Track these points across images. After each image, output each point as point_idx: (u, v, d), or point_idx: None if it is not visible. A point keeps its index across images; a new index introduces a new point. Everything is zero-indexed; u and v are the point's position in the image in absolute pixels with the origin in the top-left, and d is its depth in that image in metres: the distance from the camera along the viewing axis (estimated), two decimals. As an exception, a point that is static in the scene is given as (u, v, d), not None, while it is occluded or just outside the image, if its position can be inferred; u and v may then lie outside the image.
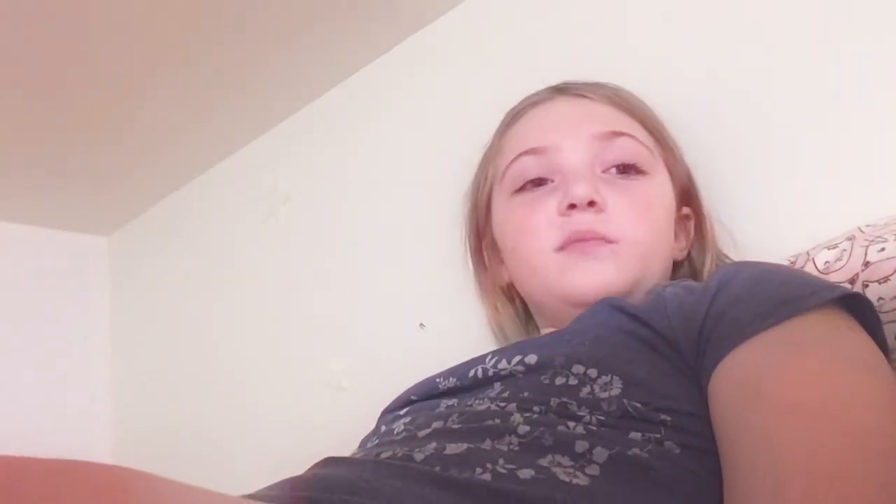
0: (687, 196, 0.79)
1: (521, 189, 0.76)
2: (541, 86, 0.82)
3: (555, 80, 0.82)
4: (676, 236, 0.78)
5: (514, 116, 0.82)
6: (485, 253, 0.86)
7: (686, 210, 0.80)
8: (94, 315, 1.69)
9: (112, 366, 1.67)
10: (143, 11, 1.06)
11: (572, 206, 0.70)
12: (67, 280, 1.68)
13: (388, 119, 1.22)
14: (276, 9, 1.10)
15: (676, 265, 0.79)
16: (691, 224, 0.80)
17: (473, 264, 0.90)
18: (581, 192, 0.70)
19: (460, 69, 1.14)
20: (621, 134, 0.74)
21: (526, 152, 0.76)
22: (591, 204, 0.70)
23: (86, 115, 1.29)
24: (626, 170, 0.74)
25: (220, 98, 1.30)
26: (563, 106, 0.78)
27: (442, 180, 1.12)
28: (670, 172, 0.77)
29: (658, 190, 0.75)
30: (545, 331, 0.78)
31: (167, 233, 1.61)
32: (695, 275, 0.78)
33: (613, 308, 0.63)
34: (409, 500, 0.46)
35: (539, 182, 0.75)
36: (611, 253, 0.70)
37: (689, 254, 0.80)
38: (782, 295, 0.55)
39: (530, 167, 0.76)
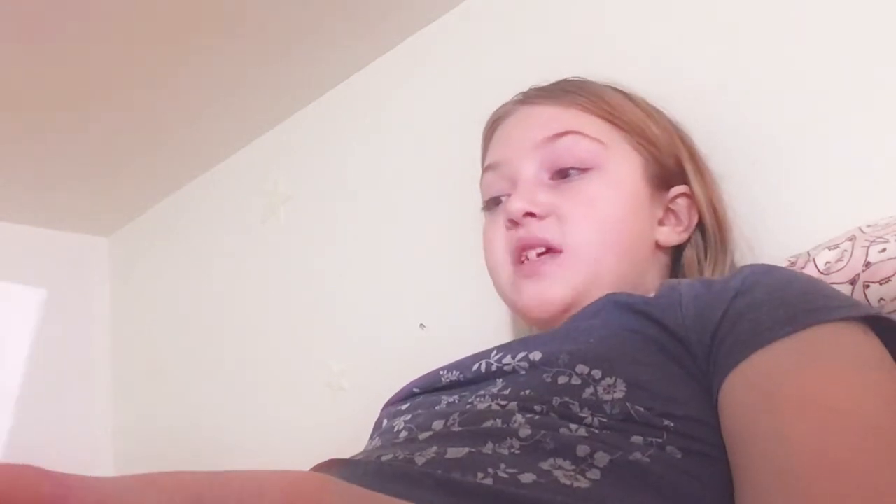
0: (679, 176, 0.78)
1: (488, 206, 0.80)
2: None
3: (552, 80, 0.82)
4: (667, 219, 0.77)
5: (486, 135, 0.85)
6: None
7: (680, 189, 0.78)
8: (94, 315, 1.69)
9: (112, 366, 1.67)
10: (142, 12, 1.06)
11: (513, 222, 0.73)
12: (67, 280, 1.68)
13: (387, 119, 1.22)
14: (277, 9, 1.10)
15: (679, 248, 0.77)
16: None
17: None
18: (515, 206, 0.72)
19: (460, 70, 1.13)
20: (562, 134, 0.74)
21: (485, 169, 0.81)
22: (531, 215, 0.72)
23: (86, 115, 1.29)
24: (572, 170, 0.74)
25: (220, 98, 1.30)
26: (518, 118, 0.80)
27: (442, 180, 1.12)
28: (640, 154, 0.76)
29: (609, 181, 0.73)
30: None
31: (167, 233, 1.61)
32: (698, 260, 0.77)
33: (619, 305, 0.63)
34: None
35: (499, 200, 0.78)
36: (556, 268, 0.71)
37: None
38: (805, 304, 0.54)
39: (492, 183, 0.79)
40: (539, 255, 0.72)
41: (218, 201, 1.50)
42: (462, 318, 1.05)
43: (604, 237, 0.71)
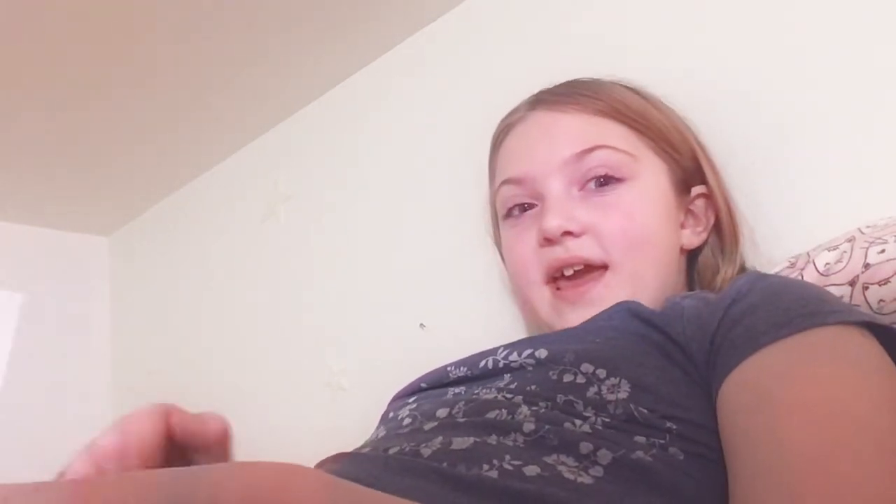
0: (697, 176, 0.78)
1: (509, 214, 0.78)
2: (540, 86, 0.82)
3: (554, 81, 0.82)
4: (687, 221, 0.77)
5: (497, 140, 0.83)
6: None
7: (700, 189, 0.77)
8: (94, 315, 1.69)
9: (112, 366, 1.67)
10: (142, 11, 1.06)
11: (549, 240, 0.71)
12: (67, 280, 1.68)
13: (387, 119, 1.22)
14: (277, 9, 1.10)
15: (695, 252, 0.77)
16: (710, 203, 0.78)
17: None
18: (552, 224, 0.70)
19: (460, 69, 1.13)
20: (592, 149, 0.73)
21: (505, 182, 0.78)
22: (567, 233, 0.71)
23: (86, 115, 1.29)
24: (604, 181, 0.73)
25: (220, 98, 1.30)
26: (537, 126, 0.77)
27: (442, 180, 1.12)
28: (664, 161, 0.75)
29: (641, 193, 0.73)
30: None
31: (167, 233, 1.61)
32: (716, 260, 0.77)
33: (630, 313, 0.64)
34: (418, 497, 0.47)
35: (524, 206, 0.76)
36: (603, 289, 0.70)
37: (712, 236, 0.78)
38: (801, 308, 0.54)
39: (513, 196, 0.77)
40: (577, 272, 0.71)
41: (218, 201, 1.50)
42: (462, 318, 1.05)
43: (642, 251, 0.71)
